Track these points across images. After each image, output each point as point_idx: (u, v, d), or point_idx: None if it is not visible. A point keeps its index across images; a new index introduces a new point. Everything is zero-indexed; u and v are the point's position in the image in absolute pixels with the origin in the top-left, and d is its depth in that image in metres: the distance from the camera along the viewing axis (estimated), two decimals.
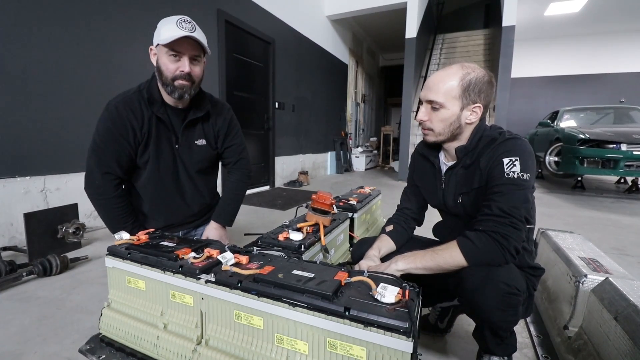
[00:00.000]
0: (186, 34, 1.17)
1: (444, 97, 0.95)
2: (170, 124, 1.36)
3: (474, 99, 0.94)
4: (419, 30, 5.79)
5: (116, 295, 1.05)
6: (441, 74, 0.97)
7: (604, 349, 0.93)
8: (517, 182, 0.86)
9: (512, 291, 0.82)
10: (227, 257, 0.89)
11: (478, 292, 0.84)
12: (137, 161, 1.35)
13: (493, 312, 0.83)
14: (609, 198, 4.38)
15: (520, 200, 0.85)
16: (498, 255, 0.83)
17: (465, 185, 1.01)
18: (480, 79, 0.94)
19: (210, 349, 0.85)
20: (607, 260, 1.31)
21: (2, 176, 2.06)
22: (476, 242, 0.85)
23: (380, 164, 9.01)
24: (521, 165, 0.87)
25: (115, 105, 1.28)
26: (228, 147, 1.54)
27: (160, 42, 1.19)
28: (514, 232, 0.83)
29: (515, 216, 0.83)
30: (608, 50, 8.78)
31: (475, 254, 0.85)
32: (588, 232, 2.69)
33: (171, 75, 1.24)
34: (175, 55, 1.22)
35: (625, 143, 4.09)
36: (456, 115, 0.96)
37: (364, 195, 2.05)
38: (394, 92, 11.33)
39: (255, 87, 4.55)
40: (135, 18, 2.78)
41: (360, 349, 0.68)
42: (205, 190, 1.55)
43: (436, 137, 1.02)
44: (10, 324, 1.29)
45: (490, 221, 0.85)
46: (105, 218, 1.36)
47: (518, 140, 0.92)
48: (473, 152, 0.99)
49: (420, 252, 0.94)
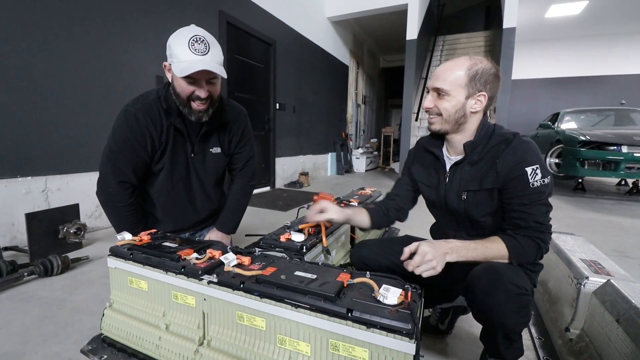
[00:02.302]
0: (201, 68, 1.11)
1: (451, 85, 0.96)
2: (187, 133, 1.34)
3: (480, 88, 0.96)
4: (419, 32, 5.80)
5: (118, 296, 1.05)
6: (450, 63, 0.99)
7: (606, 352, 0.93)
8: (541, 190, 0.91)
9: (522, 292, 0.84)
10: (229, 258, 0.89)
11: (490, 296, 0.84)
12: (152, 168, 1.34)
13: (507, 315, 0.84)
14: (610, 200, 4.38)
15: (547, 207, 0.92)
16: (535, 256, 0.92)
17: (472, 182, 1.00)
18: (487, 70, 0.96)
19: (212, 350, 0.85)
20: (608, 263, 1.31)
21: (4, 176, 2.06)
22: (522, 243, 0.91)
23: (380, 165, 9.01)
24: (541, 172, 0.91)
25: (135, 113, 1.23)
26: (237, 153, 1.53)
27: (174, 71, 1.15)
28: (549, 237, 0.93)
29: (546, 224, 0.92)
30: (609, 52, 8.79)
31: (520, 253, 0.91)
32: (589, 234, 2.68)
33: (187, 97, 1.21)
34: (191, 80, 1.17)
35: (626, 145, 4.09)
36: (461, 103, 0.97)
37: (365, 196, 2.06)
38: (395, 94, 11.34)
39: (256, 88, 4.56)
40: (136, 19, 2.78)
41: (363, 351, 0.68)
42: (214, 197, 1.55)
43: (441, 125, 1.01)
44: (11, 324, 1.29)
45: (530, 229, 0.91)
46: (115, 223, 1.35)
47: (531, 144, 0.94)
48: (483, 148, 0.99)
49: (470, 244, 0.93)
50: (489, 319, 0.89)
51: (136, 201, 1.36)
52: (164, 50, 1.22)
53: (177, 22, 3.11)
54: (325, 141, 6.80)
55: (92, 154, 2.48)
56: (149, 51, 2.89)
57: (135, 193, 1.34)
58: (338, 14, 6.31)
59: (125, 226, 1.33)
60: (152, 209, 1.45)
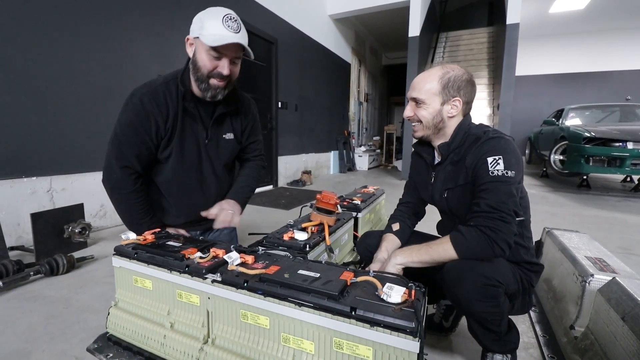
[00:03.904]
0: (233, 41, 1.12)
1: (426, 94, 1.04)
2: (200, 118, 1.32)
3: (454, 94, 1.03)
4: (422, 29, 5.77)
5: (123, 295, 1.06)
6: (424, 74, 1.07)
7: (611, 349, 0.93)
8: (502, 179, 0.91)
9: (490, 282, 0.85)
10: (233, 257, 0.89)
11: (457, 284, 0.88)
12: (158, 156, 1.31)
13: (472, 303, 0.87)
14: (615, 197, 4.34)
15: (507, 195, 0.89)
16: (487, 248, 0.87)
17: (450, 181, 1.07)
18: (459, 77, 1.03)
19: (217, 348, 0.85)
20: (613, 260, 1.30)
21: (9, 177, 2.08)
22: (466, 235, 0.90)
23: (383, 163, 9.00)
24: (504, 163, 0.92)
25: (140, 97, 1.21)
26: (252, 142, 1.53)
27: (203, 39, 1.13)
28: (503, 226, 0.86)
29: (503, 210, 0.87)
30: (614, 48, 8.69)
31: (465, 247, 0.89)
32: (594, 232, 2.67)
33: (207, 72, 1.19)
34: (216, 55, 1.17)
35: (631, 141, 4.06)
36: (437, 110, 1.04)
37: (368, 194, 2.05)
38: (397, 91, 11.31)
39: (258, 86, 4.56)
40: (139, 20, 2.79)
41: (367, 349, 0.68)
42: (226, 186, 1.51)
43: (423, 131, 1.09)
44: (18, 322, 1.30)
45: (480, 217, 0.90)
46: (123, 214, 1.32)
47: (501, 140, 0.97)
48: (459, 149, 1.04)
49: (417, 246, 0.99)
50: (458, 307, 0.94)
51: (142, 189, 1.31)
52: (166, 50, 1.23)
53: (179, 20, 3.12)
54: (328, 139, 6.80)
55: (96, 153, 2.49)
56: (151, 50, 2.89)
57: (140, 181, 1.31)
58: (340, 11, 6.29)
59: (133, 215, 1.30)
60: (161, 201, 1.41)
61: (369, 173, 7.18)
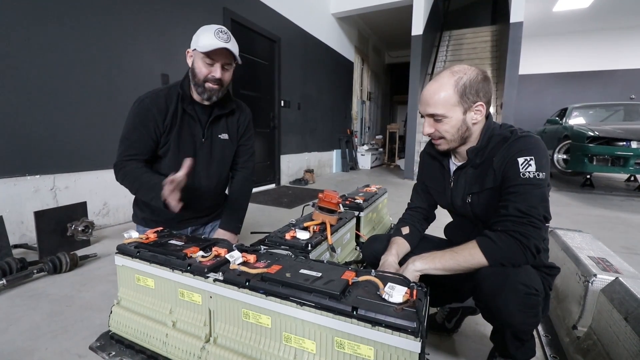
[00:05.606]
0: (222, 46, 1.30)
1: (443, 108, 0.93)
2: (197, 119, 1.47)
3: (474, 100, 0.93)
4: (425, 27, 5.75)
5: (126, 293, 1.07)
6: (434, 85, 0.95)
7: (614, 350, 0.92)
8: (534, 182, 0.85)
9: (531, 292, 0.81)
10: (235, 256, 0.89)
11: (497, 295, 0.82)
12: (158, 151, 1.43)
13: (514, 315, 0.81)
14: (619, 196, 4.32)
15: (538, 199, 0.84)
16: (519, 254, 0.82)
17: (475, 185, 1.00)
18: (474, 78, 0.93)
19: (218, 347, 0.85)
20: (616, 260, 1.30)
21: (13, 175, 2.09)
22: (497, 241, 0.84)
23: (386, 162, 8.98)
24: (536, 164, 0.86)
25: (142, 99, 1.40)
26: (241, 145, 1.64)
27: (198, 49, 1.32)
28: (534, 231, 0.82)
29: (534, 215, 0.82)
30: (618, 46, 8.63)
31: (497, 253, 0.84)
32: (597, 231, 2.65)
33: (203, 78, 1.37)
34: (209, 61, 1.35)
35: (635, 140, 4.03)
36: (460, 120, 0.95)
37: (370, 193, 2.05)
38: (400, 90, 11.26)
39: (261, 85, 4.56)
40: (141, 18, 2.79)
41: (368, 349, 0.68)
42: (218, 186, 1.60)
43: (449, 145, 1.00)
44: (21, 320, 1.31)
45: (509, 221, 0.84)
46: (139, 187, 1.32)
47: (531, 138, 0.91)
48: (483, 151, 0.98)
49: (439, 252, 0.91)
50: (497, 319, 0.87)
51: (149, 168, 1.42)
52: (169, 48, 1.27)
53: (182, 19, 3.12)
54: (330, 138, 6.79)
55: (99, 152, 2.50)
56: (154, 49, 2.89)
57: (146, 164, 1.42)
58: (343, 10, 6.27)
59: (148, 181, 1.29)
60: None
61: (371, 172, 7.17)
